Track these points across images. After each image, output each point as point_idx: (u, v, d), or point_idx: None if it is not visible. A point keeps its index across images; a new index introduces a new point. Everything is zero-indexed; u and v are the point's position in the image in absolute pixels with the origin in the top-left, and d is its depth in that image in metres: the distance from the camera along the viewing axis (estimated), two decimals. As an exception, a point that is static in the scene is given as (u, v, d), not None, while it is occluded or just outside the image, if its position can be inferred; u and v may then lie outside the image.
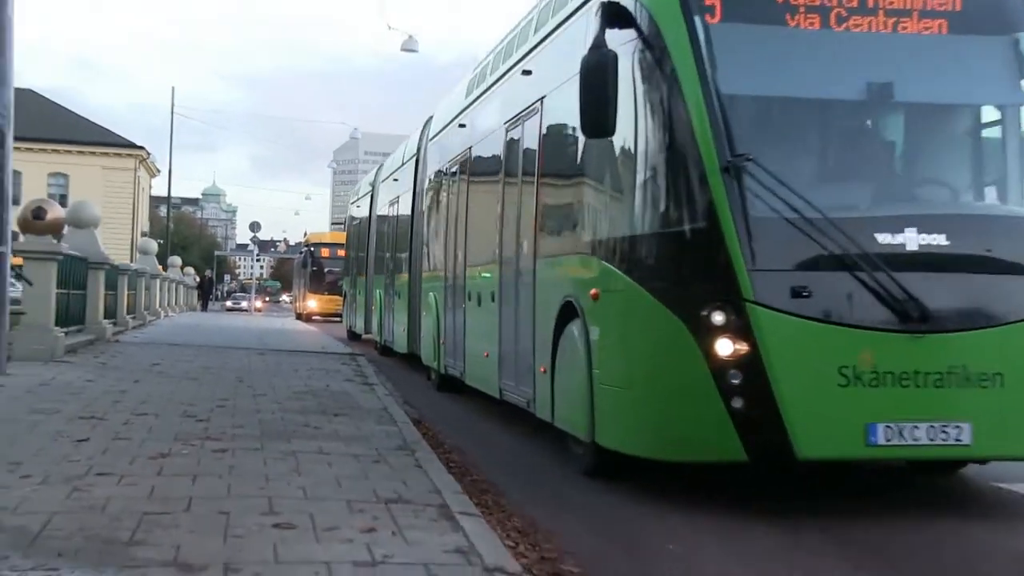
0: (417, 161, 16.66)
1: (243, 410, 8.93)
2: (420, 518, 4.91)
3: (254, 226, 64.38)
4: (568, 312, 7.44)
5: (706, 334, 5.86)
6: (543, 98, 8.54)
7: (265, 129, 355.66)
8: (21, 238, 13.56)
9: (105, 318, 18.39)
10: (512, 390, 9.29)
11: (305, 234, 53.71)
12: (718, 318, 5.85)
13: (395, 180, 19.15)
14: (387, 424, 8.43)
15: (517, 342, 9.00)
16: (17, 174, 12.78)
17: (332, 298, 39.88)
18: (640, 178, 6.50)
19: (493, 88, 10.90)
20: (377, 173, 22.71)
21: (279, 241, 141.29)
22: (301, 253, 51.77)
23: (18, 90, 11.81)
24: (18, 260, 13.13)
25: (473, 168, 11.68)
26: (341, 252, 37.38)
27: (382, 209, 20.99)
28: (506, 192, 9.80)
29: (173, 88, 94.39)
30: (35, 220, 13.85)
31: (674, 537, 5.61)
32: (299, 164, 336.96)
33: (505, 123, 9.88)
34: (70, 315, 15.50)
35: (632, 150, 6.60)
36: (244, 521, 4.65)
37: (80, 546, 4.14)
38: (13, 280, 12.35)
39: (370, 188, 22.93)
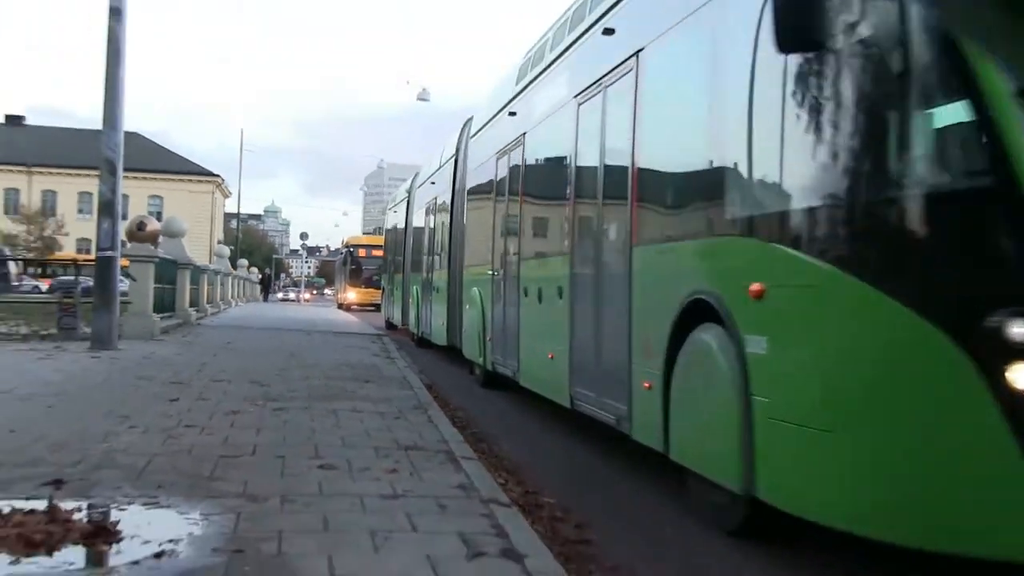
0: (456, 161, 13.33)
1: (295, 378, 8.92)
2: (431, 462, 4.90)
3: (303, 235, 65.14)
4: (697, 313, 4.39)
5: (994, 354, 2.94)
6: (639, 52, 5.50)
7: (311, 160, 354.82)
8: (128, 245, 13.68)
9: (190, 306, 18.40)
10: (591, 402, 6.17)
11: (344, 240, 50.67)
12: (1017, 330, 2.93)
13: (432, 183, 15.86)
14: (406, 389, 8.40)
15: (600, 346, 6.02)
16: (125, 197, 12.92)
17: (368, 291, 37.22)
18: (857, 115, 3.36)
19: (556, 64, 7.69)
20: (413, 180, 19.41)
21: (323, 247, 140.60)
22: (342, 253, 48.42)
23: (126, 133, 11.92)
24: (125, 262, 13.20)
25: (529, 154, 8.43)
26: (376, 252, 35.19)
27: (418, 211, 17.41)
28: (580, 174, 6.76)
29: (242, 130, 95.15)
30: (138, 231, 13.99)
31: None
32: (337, 187, 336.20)
33: (576, 96, 6.77)
34: (164, 304, 15.55)
35: (843, 73, 3.44)
36: (296, 463, 4.67)
37: (174, 480, 4.18)
38: (122, 277, 12.48)
39: (406, 195, 19.84)
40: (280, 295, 70.94)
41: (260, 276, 53.88)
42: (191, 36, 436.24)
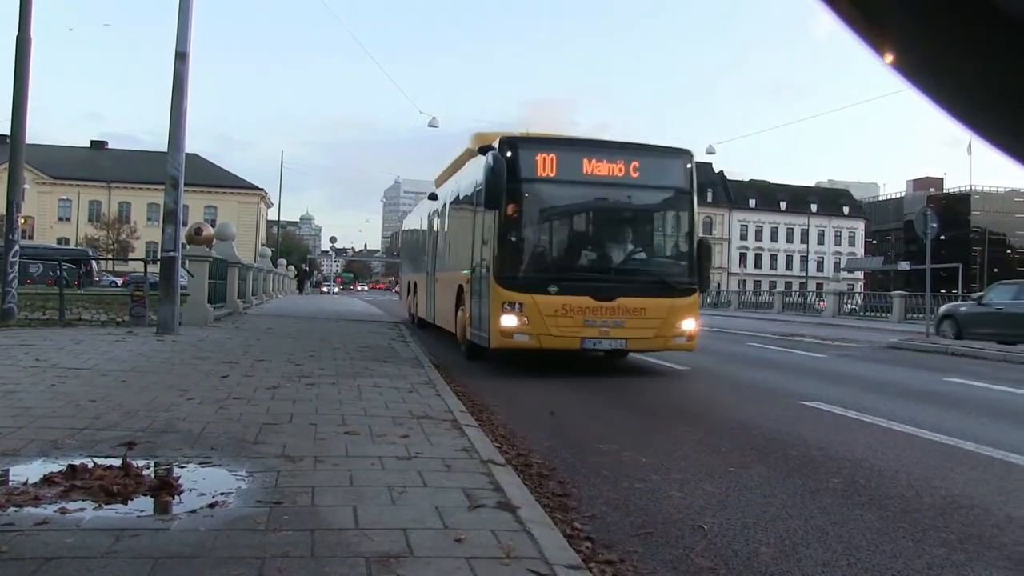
0: None
1: (325, 358, 8.84)
2: (439, 428, 4.88)
3: (332, 239, 64.91)
4: None
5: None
6: None
7: (338, 176, 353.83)
8: (187, 247, 13.57)
9: (238, 298, 18.26)
10: None
11: (473, 136, 10.57)
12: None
13: None
14: (418, 368, 8.31)
15: None
16: (185, 207, 12.82)
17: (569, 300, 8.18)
18: None
19: None
20: None
21: (348, 248, 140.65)
22: (430, 202, 14.94)
23: (187, 154, 11.86)
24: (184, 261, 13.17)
25: None
26: (601, 166, 8.64)
27: None
28: None
29: (282, 152, 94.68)
30: (196, 236, 13.89)
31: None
32: (360, 199, 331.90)
33: None
34: (216, 296, 15.40)
35: None
36: (326, 430, 4.64)
37: (224, 443, 4.15)
38: (183, 273, 12.41)
39: None
40: (325, 289, 69.95)
41: (296, 273, 53.58)
42: (235, 74, 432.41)
